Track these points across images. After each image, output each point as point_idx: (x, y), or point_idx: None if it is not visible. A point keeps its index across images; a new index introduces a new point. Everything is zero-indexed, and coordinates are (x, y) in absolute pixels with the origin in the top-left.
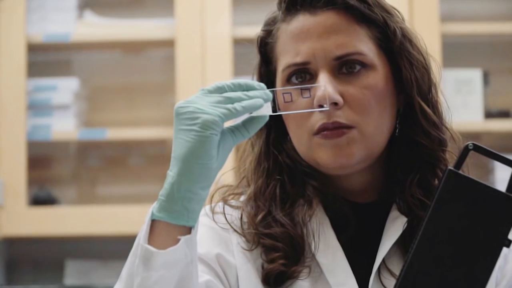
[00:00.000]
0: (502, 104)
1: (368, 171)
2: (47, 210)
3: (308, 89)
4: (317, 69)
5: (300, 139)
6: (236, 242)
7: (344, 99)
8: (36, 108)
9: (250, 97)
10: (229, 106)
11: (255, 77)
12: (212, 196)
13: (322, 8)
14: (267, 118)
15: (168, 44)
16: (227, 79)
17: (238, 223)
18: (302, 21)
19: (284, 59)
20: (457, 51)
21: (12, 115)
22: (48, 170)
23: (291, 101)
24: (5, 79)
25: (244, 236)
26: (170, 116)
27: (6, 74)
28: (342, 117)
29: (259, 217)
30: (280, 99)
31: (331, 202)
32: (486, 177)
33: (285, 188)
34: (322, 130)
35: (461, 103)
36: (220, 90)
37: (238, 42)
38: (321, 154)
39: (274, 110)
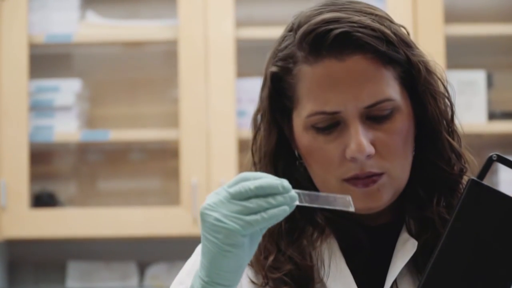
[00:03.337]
0: (506, 105)
1: None
2: (49, 212)
3: (335, 198)
4: (347, 118)
5: (327, 183)
6: (245, 275)
7: (375, 147)
8: (38, 109)
9: (274, 205)
10: (251, 218)
11: (266, 110)
12: None
13: (349, 54)
14: (294, 208)
15: (171, 45)
16: (230, 79)
17: None
18: (329, 67)
19: (310, 105)
20: (461, 52)
21: (14, 116)
22: (50, 170)
23: (310, 202)
24: (7, 80)
25: (253, 267)
26: (172, 112)
27: (8, 75)
28: (374, 166)
29: (269, 261)
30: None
31: (343, 229)
32: (489, 178)
33: (294, 218)
34: (353, 178)
35: (465, 104)
36: (242, 195)
37: (241, 42)
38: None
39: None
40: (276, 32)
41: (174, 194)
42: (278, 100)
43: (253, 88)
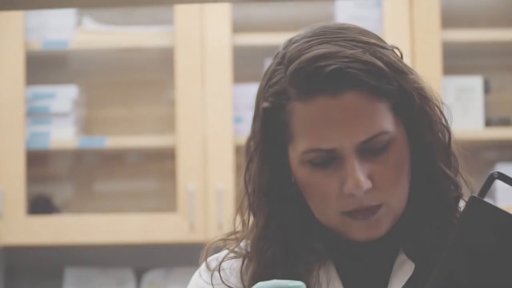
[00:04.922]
0: (502, 112)
1: None
2: (46, 218)
3: None
4: (343, 154)
5: (326, 215)
6: None
7: (372, 179)
8: (34, 116)
9: None
10: None
11: (259, 143)
12: (207, 251)
13: (343, 90)
14: None
15: (168, 50)
16: (227, 85)
17: (238, 276)
18: (322, 104)
19: (305, 142)
20: (458, 57)
21: (10, 123)
22: (46, 175)
23: None
24: (4, 86)
25: None
26: (169, 117)
27: (5, 81)
28: (372, 199)
29: None
30: None
31: (340, 254)
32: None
33: (289, 248)
34: (352, 211)
35: (461, 110)
36: None
37: (237, 48)
38: (352, 231)
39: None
40: (273, 38)
41: (171, 200)
42: (271, 133)
43: (250, 94)
